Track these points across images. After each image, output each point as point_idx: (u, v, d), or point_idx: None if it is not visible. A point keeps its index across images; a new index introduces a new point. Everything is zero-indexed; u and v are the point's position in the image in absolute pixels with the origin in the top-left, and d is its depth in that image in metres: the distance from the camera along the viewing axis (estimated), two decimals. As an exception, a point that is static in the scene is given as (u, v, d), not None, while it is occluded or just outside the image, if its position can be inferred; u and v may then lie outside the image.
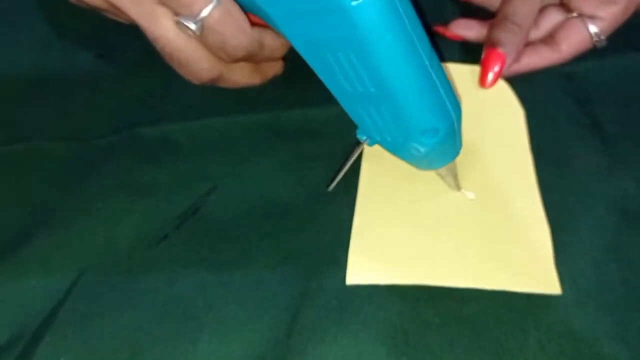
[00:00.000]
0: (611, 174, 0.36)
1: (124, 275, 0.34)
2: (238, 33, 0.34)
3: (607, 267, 0.33)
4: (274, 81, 0.40)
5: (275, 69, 0.40)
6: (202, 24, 0.32)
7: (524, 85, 0.40)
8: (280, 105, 0.40)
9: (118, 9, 0.32)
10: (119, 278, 0.34)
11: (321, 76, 0.32)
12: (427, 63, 0.29)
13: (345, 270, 0.34)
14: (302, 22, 0.29)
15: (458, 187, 0.36)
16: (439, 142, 0.31)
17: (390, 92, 0.29)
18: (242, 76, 0.38)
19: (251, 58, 0.36)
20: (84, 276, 0.34)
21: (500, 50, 0.37)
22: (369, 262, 0.34)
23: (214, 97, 0.40)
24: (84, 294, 0.34)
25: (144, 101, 0.40)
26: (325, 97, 0.32)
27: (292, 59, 0.32)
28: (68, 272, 0.35)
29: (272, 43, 0.36)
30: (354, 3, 0.26)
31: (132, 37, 0.40)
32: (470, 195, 0.36)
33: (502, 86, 0.40)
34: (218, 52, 0.34)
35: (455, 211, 0.35)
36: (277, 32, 0.36)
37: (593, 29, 0.38)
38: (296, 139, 0.38)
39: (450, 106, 0.31)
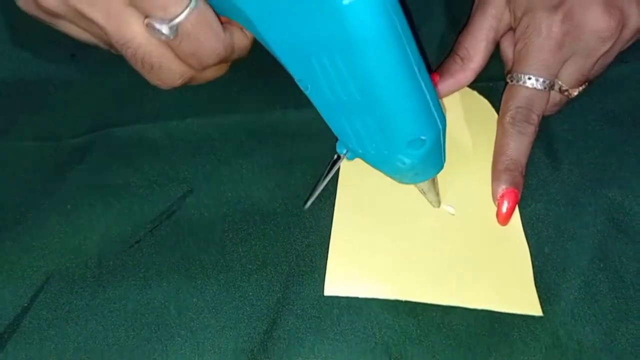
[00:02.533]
0: (597, 184, 0.36)
1: (93, 281, 0.33)
2: (212, 39, 0.32)
3: (595, 277, 0.32)
4: (254, 82, 0.39)
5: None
6: (177, 29, 0.31)
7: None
8: (260, 107, 0.39)
9: (82, 14, 0.30)
10: (88, 284, 0.33)
11: (302, 85, 0.31)
12: (416, 70, 0.28)
13: (324, 277, 0.32)
14: (287, 25, 0.28)
15: (438, 204, 0.35)
16: (425, 153, 0.30)
17: (377, 99, 0.28)
18: (211, 74, 0.37)
19: (220, 62, 0.35)
20: (51, 281, 0.33)
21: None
22: (348, 275, 0.33)
23: (191, 97, 0.39)
24: (50, 300, 0.32)
25: (119, 100, 0.39)
26: (305, 99, 0.31)
27: (272, 61, 0.31)
28: (34, 277, 0.33)
29: (242, 45, 0.35)
30: (345, 2, 0.25)
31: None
32: (451, 210, 0.35)
33: (484, 102, 0.39)
34: (189, 58, 0.33)
35: (436, 226, 0.35)
36: (244, 31, 0.35)
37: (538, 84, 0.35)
38: (276, 142, 0.37)
39: (437, 116, 0.30)
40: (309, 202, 0.34)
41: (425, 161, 0.31)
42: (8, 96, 0.40)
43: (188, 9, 0.30)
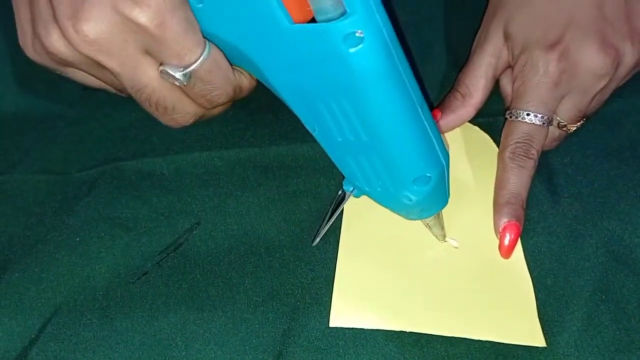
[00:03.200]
0: (597, 217, 0.36)
1: (100, 313, 0.33)
2: (223, 82, 0.33)
3: (597, 308, 0.33)
4: (260, 117, 0.40)
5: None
6: (190, 75, 0.31)
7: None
8: (266, 141, 0.39)
9: (98, 63, 0.31)
10: (95, 316, 0.33)
11: (309, 127, 0.32)
12: (419, 110, 0.29)
13: (330, 309, 0.33)
14: (294, 72, 0.29)
15: (444, 238, 0.35)
16: (431, 190, 0.31)
17: (383, 140, 0.29)
18: (218, 110, 0.38)
19: (229, 101, 0.36)
20: (59, 313, 0.33)
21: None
22: (353, 306, 0.33)
23: (199, 131, 0.40)
24: (57, 332, 0.33)
25: (127, 134, 0.40)
26: (310, 134, 0.32)
27: (277, 97, 0.32)
28: (42, 309, 0.34)
29: (248, 85, 0.36)
30: (352, 50, 0.26)
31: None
32: (454, 243, 0.35)
33: (484, 137, 0.40)
34: (200, 99, 0.34)
35: (440, 258, 0.35)
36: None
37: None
38: (282, 175, 0.38)
39: (440, 153, 0.31)
40: (317, 239, 0.35)
41: (431, 197, 0.32)
42: (18, 130, 0.41)
43: (202, 57, 0.31)
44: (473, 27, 0.42)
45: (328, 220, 0.35)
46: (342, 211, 0.36)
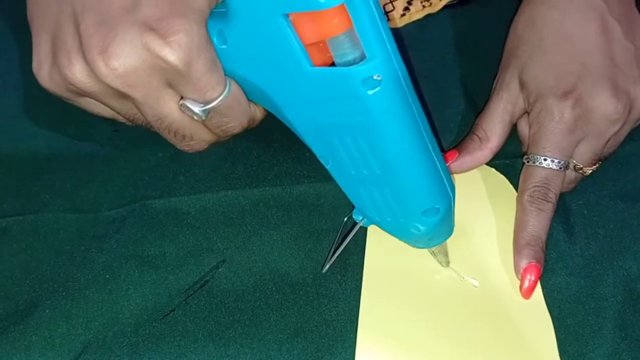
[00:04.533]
0: (614, 257, 0.37)
1: (129, 349, 0.34)
2: (240, 115, 0.35)
3: (617, 347, 0.33)
4: (283, 157, 0.41)
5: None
6: (209, 110, 0.33)
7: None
8: (289, 180, 0.40)
9: (121, 94, 0.32)
10: (124, 352, 0.34)
11: (323, 160, 0.33)
12: (429, 146, 0.31)
13: (355, 346, 0.33)
14: (312, 109, 0.31)
15: (448, 264, 0.36)
16: (439, 220, 0.32)
17: (396, 175, 0.31)
18: (230, 137, 0.39)
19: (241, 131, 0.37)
20: (89, 350, 0.34)
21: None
22: (378, 343, 0.34)
23: (224, 171, 0.41)
24: (87, 368, 0.33)
25: (155, 174, 0.41)
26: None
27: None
28: (72, 345, 0.34)
29: (260, 116, 0.38)
30: (370, 92, 0.27)
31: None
32: (475, 282, 0.36)
33: (501, 179, 0.41)
34: (215, 129, 0.35)
35: (461, 298, 0.36)
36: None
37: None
38: (305, 214, 0.39)
39: (448, 186, 0.32)
40: (327, 266, 0.36)
41: (439, 227, 0.33)
42: (49, 170, 0.41)
43: (223, 95, 0.32)
44: (488, 70, 0.43)
45: (337, 248, 0.36)
46: (360, 243, 0.37)
